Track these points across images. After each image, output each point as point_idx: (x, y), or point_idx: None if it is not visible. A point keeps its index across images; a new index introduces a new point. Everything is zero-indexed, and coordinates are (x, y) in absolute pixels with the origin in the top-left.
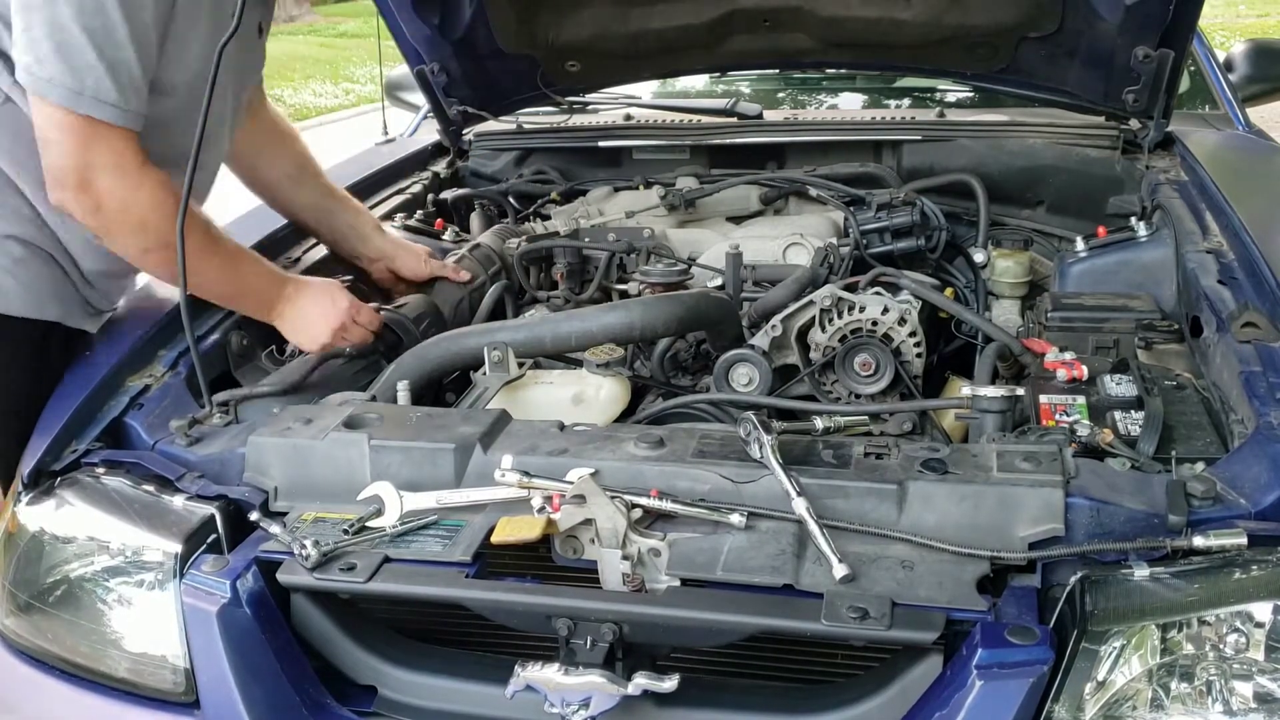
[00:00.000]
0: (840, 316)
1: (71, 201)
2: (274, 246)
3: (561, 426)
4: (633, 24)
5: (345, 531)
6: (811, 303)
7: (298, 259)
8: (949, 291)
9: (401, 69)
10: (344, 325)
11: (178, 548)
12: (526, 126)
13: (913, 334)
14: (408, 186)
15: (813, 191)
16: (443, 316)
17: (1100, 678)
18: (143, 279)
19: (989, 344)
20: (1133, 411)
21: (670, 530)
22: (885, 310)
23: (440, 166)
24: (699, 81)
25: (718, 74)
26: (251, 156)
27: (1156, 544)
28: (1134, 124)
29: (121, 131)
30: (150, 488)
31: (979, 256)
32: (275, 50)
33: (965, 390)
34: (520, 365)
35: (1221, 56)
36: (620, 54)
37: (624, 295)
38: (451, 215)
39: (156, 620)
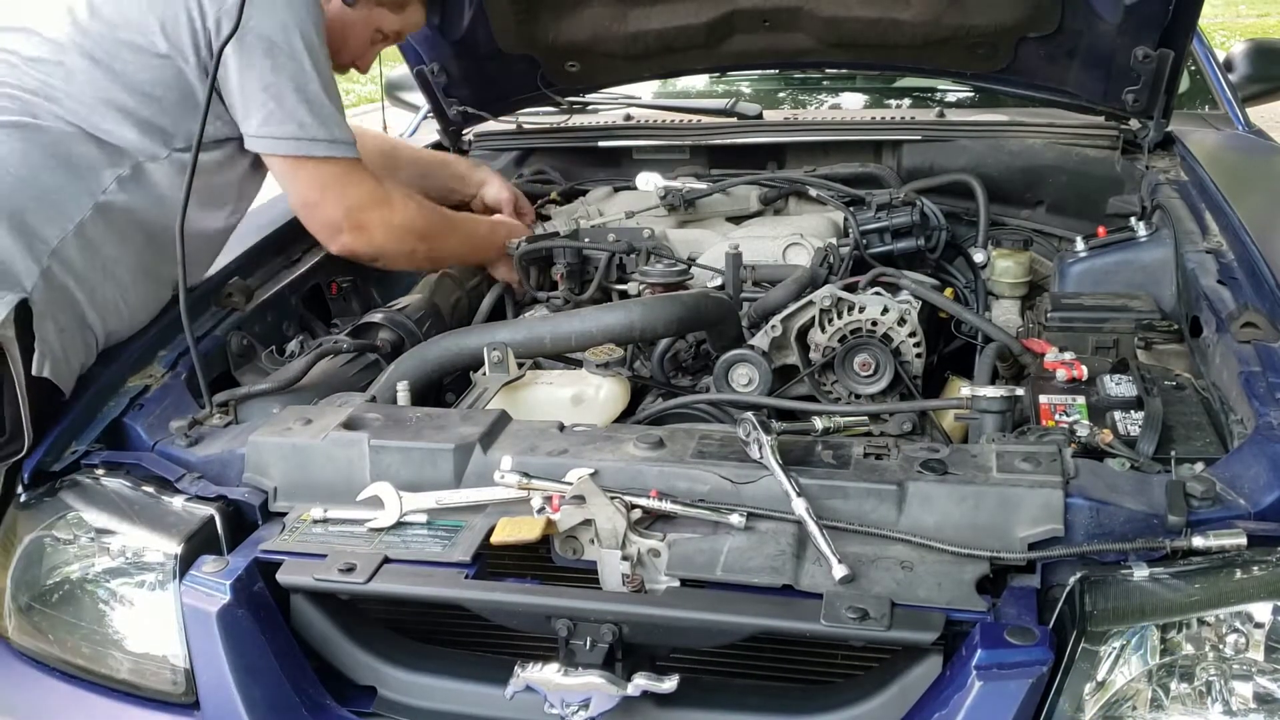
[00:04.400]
0: (840, 317)
1: (351, 244)
2: (269, 250)
3: (561, 427)
4: (632, 24)
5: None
6: (811, 303)
7: (298, 259)
8: (949, 291)
9: (401, 69)
10: None
11: (178, 549)
12: (526, 126)
13: (912, 334)
14: None
15: (812, 192)
16: (443, 316)
17: (1100, 678)
18: None
19: (989, 344)
20: (1132, 412)
21: (670, 531)
22: (885, 310)
23: None
24: (699, 81)
25: (718, 74)
26: None
27: (1156, 544)
28: (1134, 124)
29: (358, 162)
30: (150, 489)
31: (979, 256)
32: None
33: (965, 390)
34: (520, 365)
35: (1221, 56)
36: (620, 54)
37: (624, 295)
38: None
39: (157, 621)
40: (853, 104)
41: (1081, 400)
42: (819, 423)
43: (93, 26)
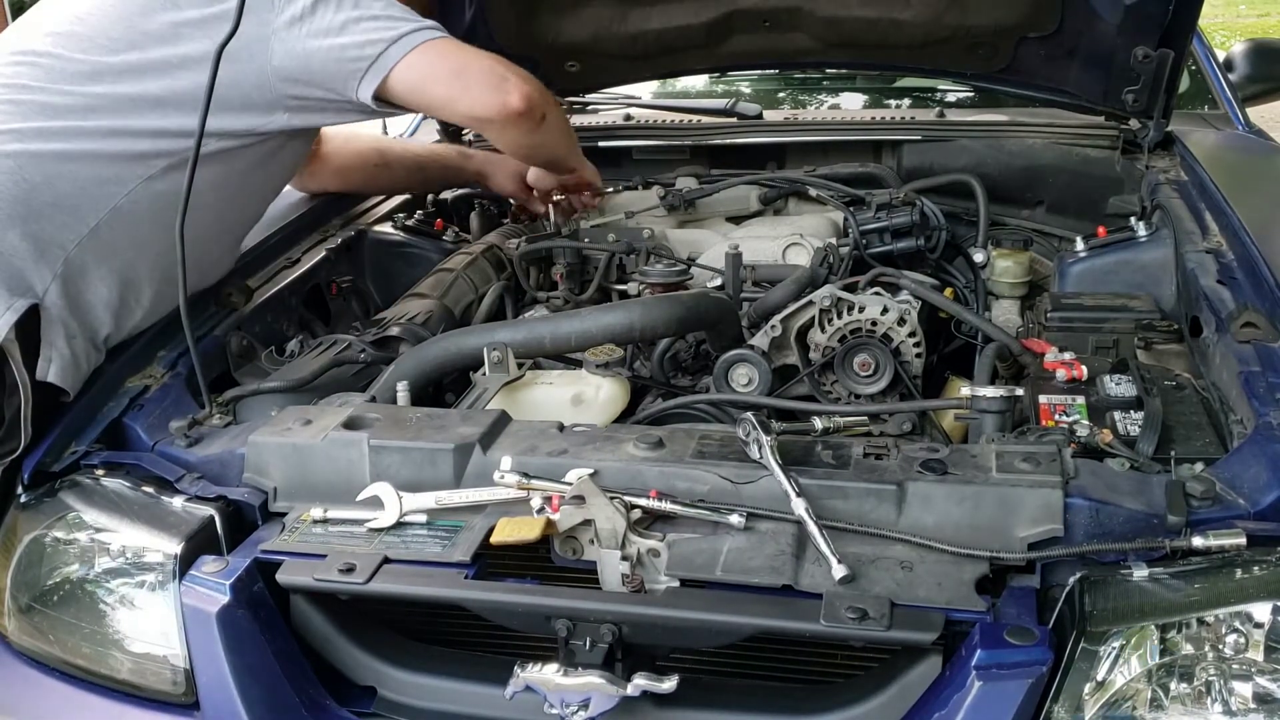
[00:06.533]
0: (840, 317)
1: (513, 102)
2: (269, 251)
3: (561, 427)
4: (632, 24)
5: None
6: (811, 303)
7: (297, 260)
8: (948, 291)
9: None
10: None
11: (178, 549)
12: None
13: (912, 334)
14: None
15: (812, 192)
16: (456, 322)
17: (1099, 678)
18: None
19: (988, 344)
20: (1132, 412)
21: (669, 531)
22: (885, 310)
23: None
24: (699, 81)
25: (718, 74)
26: (337, 177)
27: (1156, 544)
28: (1134, 124)
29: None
30: (150, 489)
31: (979, 256)
32: None
33: (965, 390)
34: (520, 366)
35: (1221, 56)
36: (620, 54)
37: (624, 295)
38: (451, 215)
39: (157, 621)
40: (852, 104)
41: (1081, 400)
42: (819, 423)
43: (151, 26)
